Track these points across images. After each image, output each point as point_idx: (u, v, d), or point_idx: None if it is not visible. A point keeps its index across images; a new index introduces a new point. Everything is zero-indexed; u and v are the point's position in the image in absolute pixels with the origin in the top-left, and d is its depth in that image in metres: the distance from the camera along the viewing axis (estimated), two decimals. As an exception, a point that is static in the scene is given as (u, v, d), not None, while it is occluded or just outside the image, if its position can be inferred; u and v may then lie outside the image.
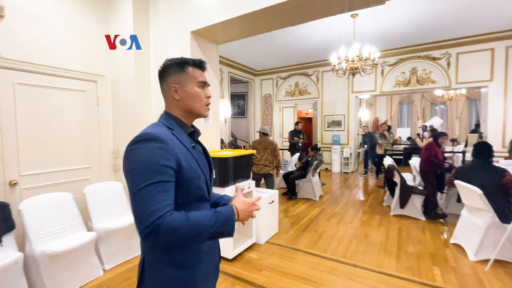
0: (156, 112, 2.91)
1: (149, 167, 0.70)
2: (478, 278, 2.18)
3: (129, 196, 0.72)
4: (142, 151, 0.72)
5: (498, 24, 5.16)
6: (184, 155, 0.78)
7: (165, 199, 0.69)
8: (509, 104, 5.62)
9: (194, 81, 0.87)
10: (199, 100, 0.87)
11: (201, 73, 0.90)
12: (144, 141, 0.74)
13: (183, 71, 0.87)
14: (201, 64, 0.90)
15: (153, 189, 0.68)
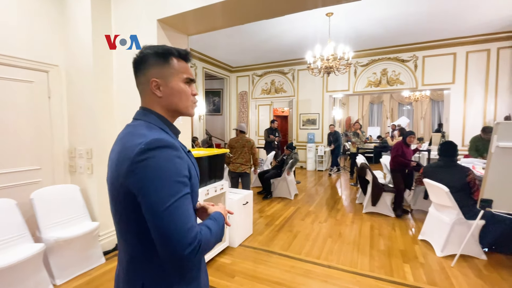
0: (119, 107, 2.65)
1: (175, 179, 0.62)
2: (445, 274, 2.25)
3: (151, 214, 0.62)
4: (161, 161, 0.62)
5: (459, 30, 5.49)
6: (190, 162, 0.73)
7: (192, 214, 0.65)
8: (468, 106, 6.03)
9: (180, 77, 0.75)
10: (186, 98, 0.77)
11: (187, 67, 0.79)
12: (158, 148, 0.63)
13: (166, 63, 0.74)
14: (187, 56, 0.78)
15: (184, 204, 0.63)
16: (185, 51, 0.78)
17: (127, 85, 2.56)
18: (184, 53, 0.77)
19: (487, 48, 5.80)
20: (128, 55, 2.54)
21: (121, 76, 2.61)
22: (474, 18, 4.90)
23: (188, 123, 2.76)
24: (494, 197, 2.02)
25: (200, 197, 2.27)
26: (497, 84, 5.77)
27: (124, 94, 2.60)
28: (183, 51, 0.77)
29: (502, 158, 1.90)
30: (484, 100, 5.90)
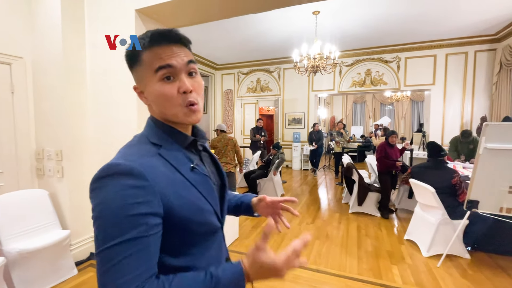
0: (93, 104, 2.43)
1: (117, 219, 0.46)
2: (432, 274, 2.25)
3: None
4: (107, 193, 0.48)
5: (439, 33, 5.64)
6: (175, 187, 0.53)
7: (137, 265, 0.45)
8: (447, 107, 6.24)
9: (151, 72, 0.55)
10: (169, 103, 0.55)
11: (162, 53, 0.55)
12: (110, 176, 0.49)
13: (139, 60, 0.57)
14: (159, 36, 0.55)
15: (120, 252, 0.45)
16: (156, 32, 0.55)
17: (103, 80, 2.36)
18: (156, 36, 0.55)
19: (465, 51, 6.01)
20: (103, 47, 2.33)
21: (96, 70, 2.40)
22: (453, 22, 5.04)
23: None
24: (481, 198, 2.03)
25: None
26: (474, 85, 5.99)
27: (99, 90, 2.39)
28: (152, 34, 0.55)
29: (490, 160, 1.91)
30: (462, 101, 6.12)
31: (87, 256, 2.46)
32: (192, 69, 0.58)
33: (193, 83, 0.57)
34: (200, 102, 0.59)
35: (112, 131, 2.35)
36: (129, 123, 2.24)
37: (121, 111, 2.29)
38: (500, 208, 1.98)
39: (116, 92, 2.30)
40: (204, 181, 0.60)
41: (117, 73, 2.28)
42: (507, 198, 1.94)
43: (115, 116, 2.33)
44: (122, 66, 2.27)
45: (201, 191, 0.58)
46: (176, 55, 0.55)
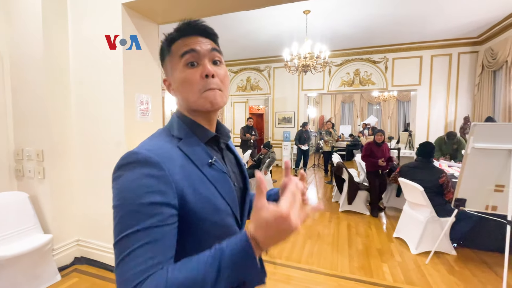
0: (77, 102, 2.32)
1: (130, 208, 0.46)
2: (421, 272, 2.29)
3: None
4: (124, 181, 0.48)
5: (425, 35, 5.78)
6: (191, 181, 0.52)
7: (149, 256, 0.43)
8: (433, 107, 6.41)
9: (177, 58, 0.57)
10: (191, 88, 0.56)
11: (186, 41, 0.57)
12: (128, 165, 0.49)
13: (169, 51, 0.59)
14: (188, 27, 0.58)
15: (134, 241, 0.44)
16: (185, 23, 0.58)
17: (88, 78, 2.25)
18: (185, 26, 0.58)
19: (449, 53, 6.19)
20: (87, 43, 2.23)
21: (80, 68, 2.28)
22: (438, 24, 5.18)
23: (158, 122, 2.52)
24: (468, 196, 2.08)
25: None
26: (458, 86, 6.19)
27: (84, 89, 2.28)
28: (182, 25, 0.58)
29: (477, 159, 1.96)
30: (446, 101, 6.30)
31: (71, 261, 2.35)
32: (217, 57, 0.59)
33: (217, 70, 0.58)
34: (225, 91, 0.59)
35: (98, 131, 2.25)
36: (116, 123, 2.15)
37: (108, 110, 2.19)
38: (486, 206, 2.03)
39: (103, 91, 2.20)
40: (223, 179, 0.58)
41: (104, 70, 2.18)
42: (493, 196, 1.99)
43: (101, 116, 2.22)
44: (108, 63, 2.17)
45: (219, 189, 0.56)
46: (201, 42, 0.57)
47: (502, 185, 1.93)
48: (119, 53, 2.10)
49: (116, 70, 2.12)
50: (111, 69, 2.14)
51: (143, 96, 2.29)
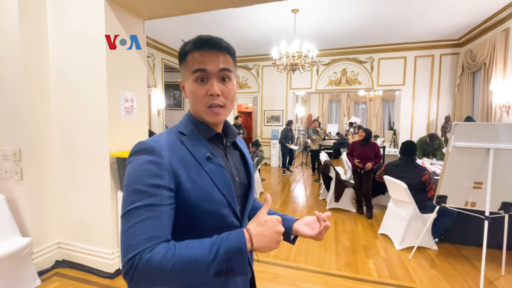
0: (57, 100, 2.22)
1: (134, 187, 0.55)
2: (405, 267, 2.36)
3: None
4: (132, 166, 0.58)
5: (409, 36, 5.94)
6: (188, 170, 0.59)
7: (150, 229, 0.52)
8: (416, 106, 6.61)
9: (190, 72, 0.63)
10: (197, 101, 0.63)
11: (201, 57, 0.61)
12: (135, 153, 0.59)
13: (185, 60, 0.65)
14: (202, 41, 0.62)
15: (136, 215, 0.53)
16: (200, 38, 0.63)
17: (70, 74, 2.16)
18: (199, 41, 0.62)
19: (431, 54, 6.39)
20: (68, 38, 2.13)
21: (60, 63, 2.18)
22: (422, 26, 5.33)
23: (143, 120, 2.45)
24: (449, 193, 2.16)
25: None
26: (440, 87, 6.41)
27: (65, 85, 2.18)
28: (197, 40, 0.63)
29: (458, 157, 2.03)
30: (429, 101, 6.52)
31: (52, 264, 2.26)
32: (225, 75, 0.64)
33: (223, 88, 0.63)
34: (228, 105, 0.66)
35: (80, 130, 2.16)
36: (99, 122, 2.08)
37: (90, 108, 2.11)
38: (466, 202, 2.12)
39: (85, 88, 2.12)
40: (220, 172, 0.63)
41: (86, 67, 2.10)
42: (472, 193, 2.08)
43: (83, 114, 2.14)
44: (90, 59, 2.09)
45: (215, 180, 0.61)
46: (212, 61, 0.62)
47: (481, 182, 2.02)
48: (102, 49, 2.02)
49: (99, 66, 2.04)
50: (93, 66, 2.07)
51: (127, 93, 2.23)
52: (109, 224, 2.14)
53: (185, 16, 4.81)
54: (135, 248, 0.50)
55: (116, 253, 2.17)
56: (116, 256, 2.17)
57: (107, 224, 2.15)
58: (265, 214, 0.59)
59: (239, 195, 0.69)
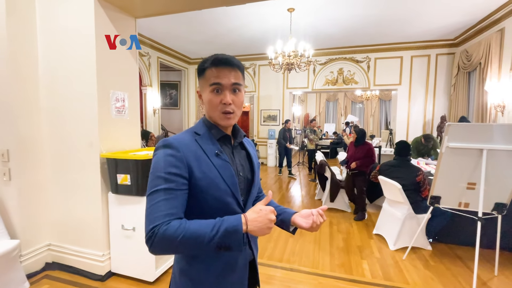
0: (47, 99, 2.18)
1: (157, 174, 0.69)
2: (399, 267, 2.36)
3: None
4: (156, 157, 0.73)
5: (405, 36, 5.94)
6: (199, 163, 0.73)
7: (168, 207, 0.66)
8: (412, 105, 6.62)
9: (207, 85, 0.77)
10: (213, 108, 0.77)
11: (217, 73, 0.76)
12: (160, 148, 0.74)
13: (203, 74, 0.79)
14: (218, 61, 0.76)
15: (157, 196, 0.67)
16: (216, 56, 0.76)
17: (59, 73, 2.12)
18: (215, 59, 0.76)
19: (427, 54, 6.40)
20: (57, 36, 2.09)
21: (50, 61, 2.14)
22: (418, 26, 5.33)
23: (135, 120, 2.42)
24: (442, 194, 2.15)
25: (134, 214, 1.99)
26: (435, 86, 6.42)
27: (54, 84, 2.14)
28: (214, 58, 0.76)
29: (451, 158, 2.03)
30: (425, 100, 6.53)
31: (42, 266, 2.23)
32: (236, 87, 0.78)
33: (234, 98, 0.78)
34: (237, 111, 0.79)
35: (70, 130, 2.12)
36: (89, 122, 2.04)
37: (80, 108, 2.07)
38: (459, 203, 2.11)
39: (75, 88, 2.08)
40: (225, 166, 0.76)
41: (75, 66, 2.06)
42: (465, 193, 2.07)
43: (73, 114, 2.10)
44: (80, 58, 2.05)
45: (221, 173, 0.74)
46: (226, 77, 0.76)
47: (474, 182, 2.01)
48: (91, 48, 1.99)
49: (88, 65, 2.00)
50: (83, 65, 2.03)
51: (118, 93, 2.19)
52: (99, 226, 2.11)
53: (181, 14, 4.79)
54: (155, 221, 0.64)
55: (106, 255, 2.14)
56: (106, 258, 2.13)
57: (97, 226, 2.11)
58: (262, 205, 0.70)
59: (243, 188, 0.81)
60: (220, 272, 0.76)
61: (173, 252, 0.68)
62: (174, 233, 0.62)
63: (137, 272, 2.09)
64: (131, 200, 2.02)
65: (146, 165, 1.94)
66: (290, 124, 6.65)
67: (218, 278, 0.76)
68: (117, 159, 1.96)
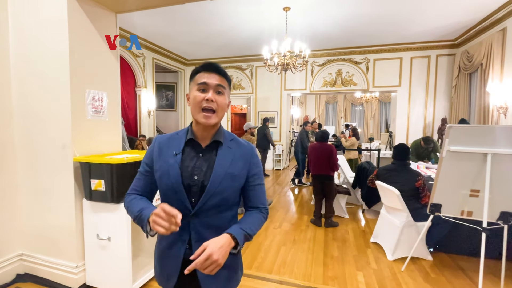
0: (17, 95, 2.04)
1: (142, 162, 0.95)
2: (397, 280, 2.19)
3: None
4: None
5: (405, 36, 5.80)
6: (160, 158, 0.89)
7: (135, 184, 0.94)
8: (412, 107, 6.47)
9: (195, 85, 0.86)
10: (195, 105, 0.85)
11: (205, 75, 0.85)
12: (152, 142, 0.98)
13: (194, 78, 0.88)
14: (207, 65, 0.86)
15: (136, 177, 0.96)
16: (206, 63, 0.86)
17: (31, 70, 1.98)
18: (205, 64, 0.86)
19: (428, 55, 6.26)
20: (31, 31, 1.95)
21: (22, 60, 2.00)
22: (417, 26, 5.20)
23: (114, 122, 2.27)
24: (443, 201, 1.99)
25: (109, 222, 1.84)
26: (436, 88, 6.27)
27: (26, 82, 2.00)
28: (204, 64, 0.86)
29: (452, 163, 1.87)
30: (425, 102, 6.38)
31: (13, 278, 2.07)
32: (220, 90, 0.86)
33: (217, 98, 0.85)
34: (219, 112, 0.86)
35: (43, 132, 1.98)
36: (62, 123, 1.90)
37: (53, 109, 1.92)
38: (462, 211, 1.95)
39: (47, 87, 1.93)
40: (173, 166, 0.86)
41: (48, 63, 1.92)
42: (468, 201, 1.91)
43: (46, 114, 1.95)
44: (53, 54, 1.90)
45: (169, 170, 0.86)
46: (212, 78, 0.84)
47: (477, 189, 1.86)
48: (64, 44, 1.85)
49: (61, 63, 1.86)
50: (56, 62, 1.89)
51: (96, 92, 2.05)
52: (73, 236, 1.96)
53: (174, 13, 4.68)
54: (128, 191, 0.95)
55: (81, 267, 1.98)
56: (81, 270, 1.98)
57: (71, 235, 1.96)
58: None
59: (196, 191, 0.86)
60: (160, 253, 0.93)
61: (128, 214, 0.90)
62: (126, 202, 0.91)
63: (113, 285, 1.93)
64: (106, 208, 1.87)
65: (122, 169, 1.79)
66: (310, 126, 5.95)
67: (160, 257, 0.93)
68: (90, 163, 1.81)
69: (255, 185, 0.91)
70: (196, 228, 0.85)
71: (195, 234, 0.86)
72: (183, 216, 0.76)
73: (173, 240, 0.87)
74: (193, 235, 0.85)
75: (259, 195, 0.91)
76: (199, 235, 0.85)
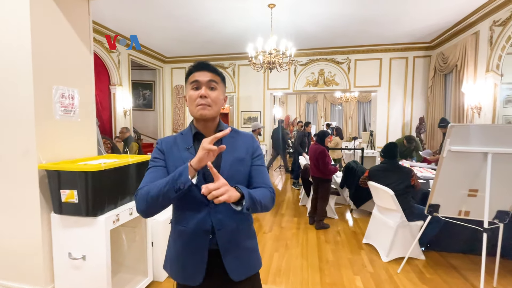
0: None
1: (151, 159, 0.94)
2: (394, 283, 2.15)
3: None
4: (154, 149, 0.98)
5: (384, 37, 5.93)
6: (172, 154, 0.92)
7: (149, 177, 0.89)
8: (391, 107, 6.65)
9: (189, 84, 0.91)
10: (191, 102, 0.90)
11: (197, 73, 0.90)
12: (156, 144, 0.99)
13: (188, 78, 0.93)
14: (198, 64, 0.91)
15: (146, 173, 0.91)
16: (197, 62, 0.92)
17: None
18: (196, 64, 0.92)
19: (405, 56, 6.47)
20: None
21: None
22: (396, 28, 5.32)
23: (88, 123, 2.01)
24: (442, 202, 1.97)
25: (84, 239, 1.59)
26: (413, 88, 6.50)
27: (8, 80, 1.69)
28: (195, 63, 0.92)
29: (452, 162, 1.85)
30: (403, 102, 6.58)
31: (-37, 309, 1.75)
32: (212, 85, 0.91)
33: (210, 93, 0.90)
34: (214, 106, 0.90)
35: (3, 135, 1.68)
36: (25, 125, 1.62)
37: (14, 109, 1.64)
38: (459, 211, 1.94)
39: (9, 83, 1.65)
40: (190, 157, 0.84)
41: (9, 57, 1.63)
42: (466, 201, 1.91)
43: (7, 115, 1.66)
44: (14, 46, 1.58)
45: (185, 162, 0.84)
46: (203, 75, 0.90)
47: (476, 189, 1.85)
48: (26, 35, 1.57)
49: (23, 56, 1.59)
50: (17, 55, 1.61)
51: (65, 89, 1.78)
52: (40, 255, 1.68)
53: (154, 10, 4.38)
54: (139, 187, 0.87)
55: (49, 292, 1.71)
56: (49, 295, 1.71)
57: (37, 255, 1.68)
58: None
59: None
60: (181, 251, 0.92)
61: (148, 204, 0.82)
62: (145, 191, 0.82)
63: (90, 310, 1.69)
64: (80, 222, 1.61)
65: (99, 177, 1.55)
66: (311, 128, 5.85)
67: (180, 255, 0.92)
68: (59, 171, 1.55)
69: (259, 165, 0.97)
70: (216, 216, 0.89)
71: (217, 222, 0.89)
72: (203, 207, 0.88)
73: (194, 233, 0.89)
74: (215, 223, 0.89)
75: (263, 175, 0.95)
76: (221, 223, 0.89)
